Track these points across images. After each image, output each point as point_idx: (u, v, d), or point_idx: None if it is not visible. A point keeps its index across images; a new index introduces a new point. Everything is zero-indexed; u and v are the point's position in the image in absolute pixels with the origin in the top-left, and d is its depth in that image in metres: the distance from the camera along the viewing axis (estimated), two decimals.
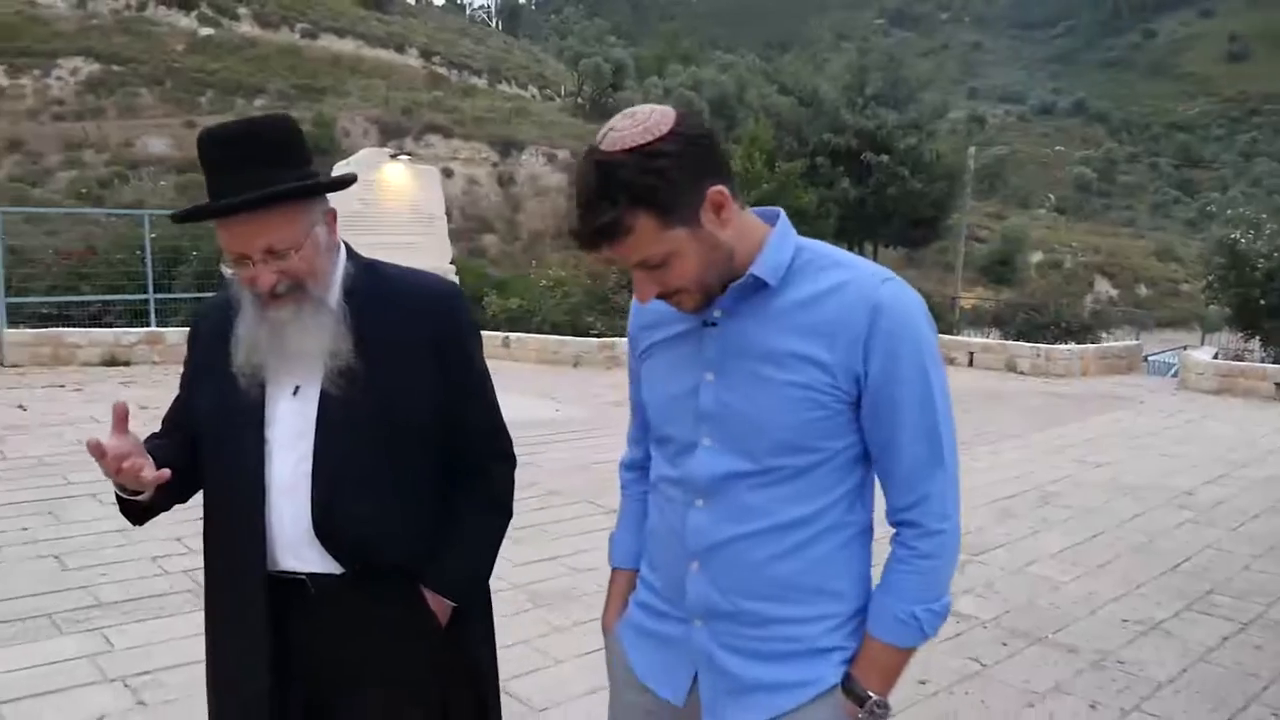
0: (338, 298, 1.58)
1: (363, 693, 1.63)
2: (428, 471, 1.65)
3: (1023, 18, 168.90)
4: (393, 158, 14.22)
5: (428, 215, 14.07)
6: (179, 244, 12.98)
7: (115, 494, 1.58)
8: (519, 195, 31.01)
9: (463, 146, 31.32)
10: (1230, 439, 8.70)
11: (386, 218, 13.20)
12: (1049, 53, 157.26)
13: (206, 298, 1.73)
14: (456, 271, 13.74)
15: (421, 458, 1.64)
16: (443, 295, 1.69)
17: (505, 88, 50.37)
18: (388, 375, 1.58)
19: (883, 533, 1.43)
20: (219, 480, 1.63)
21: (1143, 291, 41.56)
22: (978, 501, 6.06)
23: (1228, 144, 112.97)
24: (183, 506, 1.74)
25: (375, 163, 13.71)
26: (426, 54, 48.92)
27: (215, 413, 1.62)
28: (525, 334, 13.65)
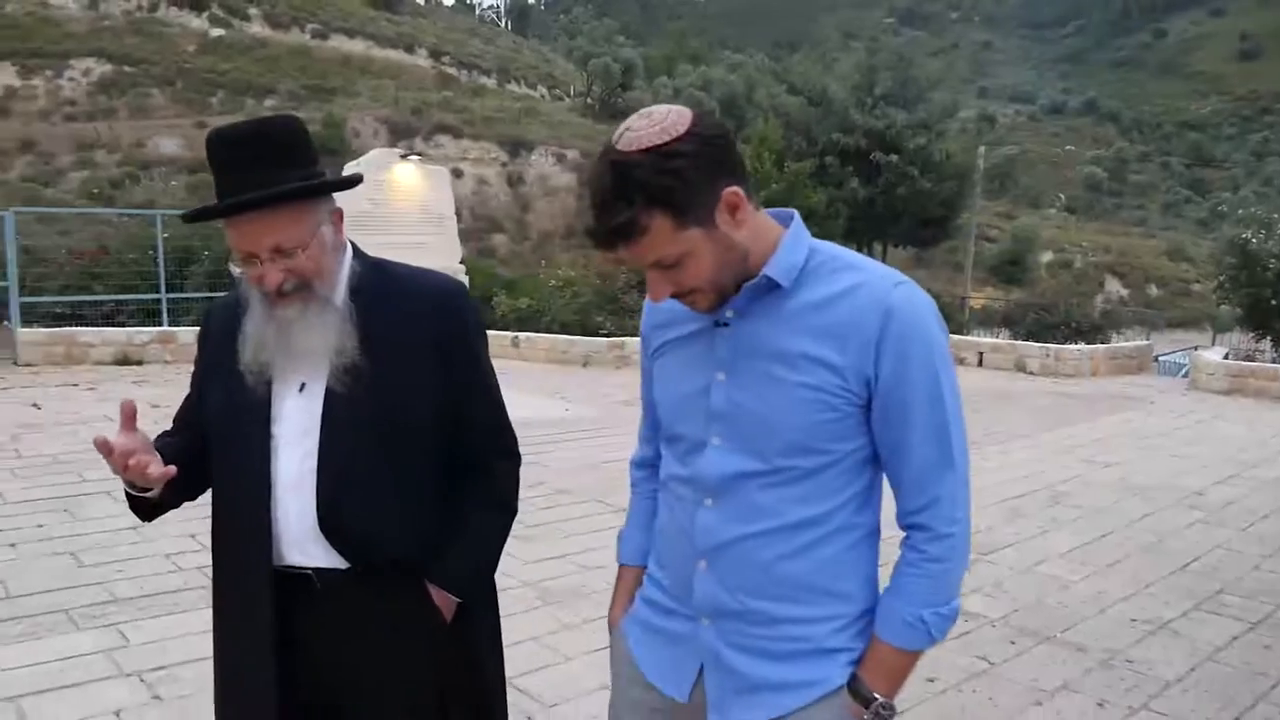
0: (344, 296, 1.60)
1: (367, 687, 1.64)
2: (432, 468, 1.66)
3: (1033, 17, 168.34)
4: (403, 158, 14.27)
5: (438, 215, 14.12)
6: (190, 244, 13.04)
7: (125, 491, 1.61)
8: (528, 195, 31.04)
9: (472, 146, 31.37)
10: (1241, 439, 8.68)
11: (397, 218, 13.26)
12: (1059, 52, 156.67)
13: (218, 297, 1.75)
14: (466, 271, 13.77)
15: (426, 454, 1.65)
16: (448, 293, 1.70)
17: (514, 88, 50.43)
18: (393, 372, 1.59)
19: (891, 534, 1.43)
20: (226, 476, 1.65)
21: (1153, 291, 41.36)
22: (987, 501, 6.07)
23: (1239, 143, 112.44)
24: (196, 504, 1.76)
25: (386, 163, 13.76)
26: (436, 54, 49.00)
27: (223, 410, 1.64)
28: (535, 334, 13.68)
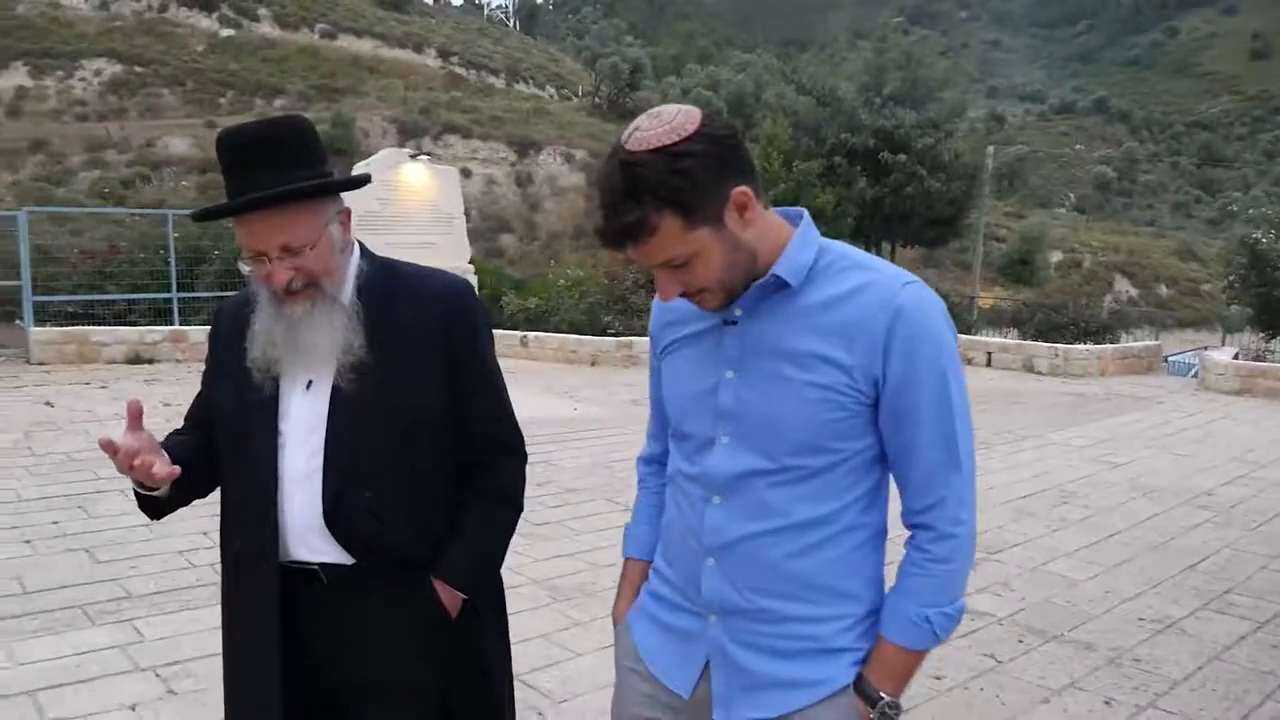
0: (351, 295, 1.62)
1: (372, 682, 1.65)
2: (438, 465, 1.68)
3: (1042, 16, 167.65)
4: (412, 158, 14.30)
5: (447, 215, 14.15)
6: (201, 243, 13.10)
7: (133, 489, 1.63)
8: (537, 195, 31.11)
9: (481, 146, 31.47)
10: (1250, 440, 8.65)
11: (405, 217, 13.30)
12: (1069, 51, 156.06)
13: (229, 296, 1.78)
14: (475, 271, 13.81)
15: (431, 451, 1.66)
16: (455, 292, 1.71)
17: (523, 87, 50.55)
18: (399, 371, 1.61)
19: (897, 534, 1.44)
20: (235, 472, 1.68)
21: (1163, 291, 41.26)
22: (995, 500, 6.08)
23: (1250, 143, 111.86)
24: (207, 501, 1.78)
25: (395, 163, 13.80)
26: (444, 54, 49.15)
27: (232, 407, 1.66)
28: (543, 333, 13.71)
